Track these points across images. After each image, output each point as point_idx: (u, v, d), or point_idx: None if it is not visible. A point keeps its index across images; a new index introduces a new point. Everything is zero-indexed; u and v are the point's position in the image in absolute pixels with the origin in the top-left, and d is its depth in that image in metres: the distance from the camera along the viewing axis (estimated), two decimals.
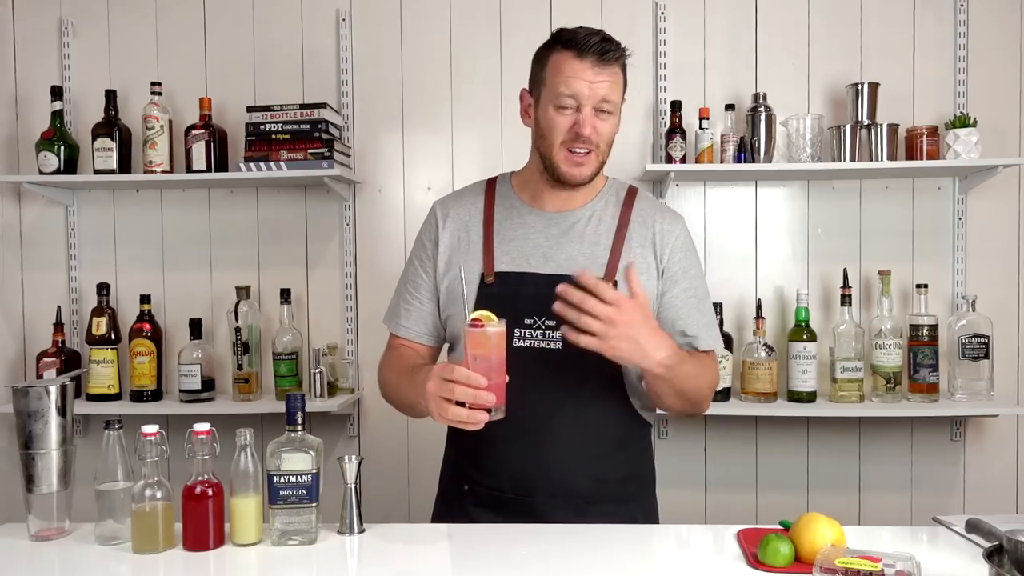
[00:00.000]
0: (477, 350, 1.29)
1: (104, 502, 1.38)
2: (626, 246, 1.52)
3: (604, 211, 1.56)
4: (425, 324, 1.61)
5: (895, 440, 2.55)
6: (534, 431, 1.46)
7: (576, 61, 1.44)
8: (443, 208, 1.62)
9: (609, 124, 1.49)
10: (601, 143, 1.49)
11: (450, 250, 1.57)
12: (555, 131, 1.47)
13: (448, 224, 1.59)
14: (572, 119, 1.46)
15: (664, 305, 1.53)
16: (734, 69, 2.57)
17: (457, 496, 1.57)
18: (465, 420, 1.29)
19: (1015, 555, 1.05)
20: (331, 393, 2.49)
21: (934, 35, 2.53)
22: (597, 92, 1.44)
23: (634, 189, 1.61)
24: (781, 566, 1.23)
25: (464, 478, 1.56)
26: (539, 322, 1.47)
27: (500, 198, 1.60)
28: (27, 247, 2.67)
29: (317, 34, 2.62)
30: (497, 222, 1.57)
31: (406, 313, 1.62)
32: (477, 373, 1.27)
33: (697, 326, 1.54)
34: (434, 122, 2.61)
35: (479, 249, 1.54)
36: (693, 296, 1.55)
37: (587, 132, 1.45)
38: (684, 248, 1.56)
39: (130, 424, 1.40)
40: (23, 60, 2.66)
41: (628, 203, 1.57)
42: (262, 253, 2.64)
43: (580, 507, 1.48)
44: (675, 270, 1.54)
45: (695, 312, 1.54)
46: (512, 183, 1.62)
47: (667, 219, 1.57)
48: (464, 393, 1.27)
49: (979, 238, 2.51)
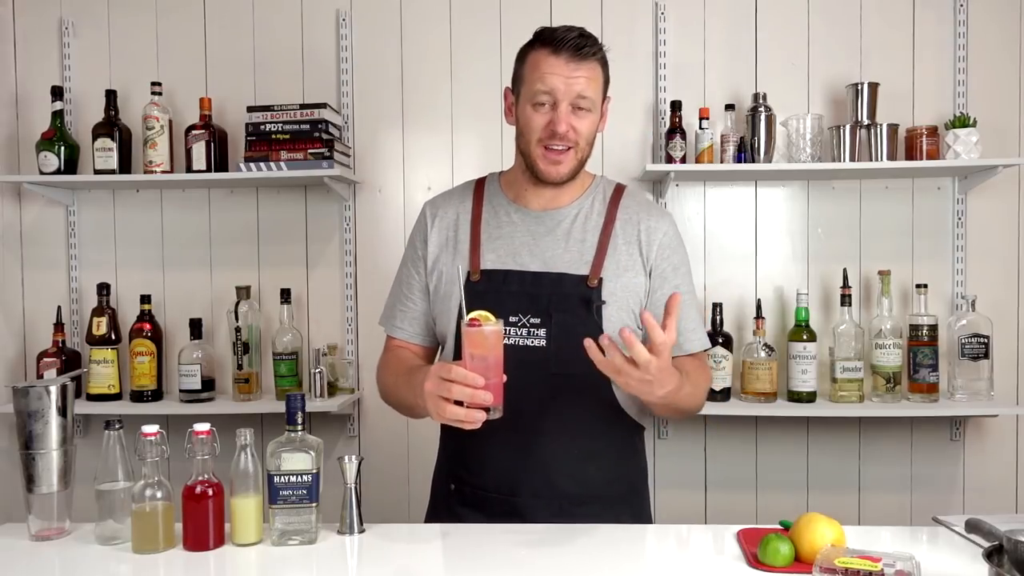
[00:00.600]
0: (475, 349, 1.30)
1: (104, 502, 1.38)
2: (612, 244, 1.51)
3: (591, 209, 1.56)
4: (419, 325, 1.62)
5: (895, 440, 2.55)
6: (518, 429, 1.45)
7: (552, 57, 1.45)
8: (432, 208, 1.63)
9: (587, 122, 1.48)
10: (580, 140, 1.48)
11: (439, 249, 1.58)
12: (532, 128, 1.48)
13: (437, 223, 1.60)
14: (548, 116, 1.46)
15: (654, 303, 1.52)
16: (734, 69, 2.57)
17: (445, 495, 1.58)
18: (463, 419, 1.28)
19: (1015, 555, 1.05)
20: (331, 393, 2.49)
21: (934, 35, 2.53)
22: (573, 88, 1.44)
23: (621, 187, 1.61)
24: (781, 566, 1.23)
25: (452, 477, 1.56)
26: (524, 319, 1.47)
27: (488, 197, 1.60)
28: (27, 247, 2.67)
29: (317, 34, 2.62)
30: (484, 220, 1.57)
31: (401, 315, 1.62)
32: (475, 372, 1.27)
33: (688, 325, 1.53)
34: (434, 122, 2.62)
35: (466, 248, 1.55)
36: (684, 294, 1.52)
37: (562, 129, 1.45)
38: (672, 246, 1.55)
39: (130, 424, 1.40)
40: (23, 60, 2.66)
41: (615, 201, 1.56)
42: (262, 253, 2.64)
43: (564, 507, 1.47)
44: (664, 267, 1.53)
45: (685, 309, 1.51)
46: (500, 182, 1.62)
47: (653, 216, 1.56)
48: (462, 392, 1.27)
49: (979, 238, 2.51)
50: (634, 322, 1.51)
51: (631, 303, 1.50)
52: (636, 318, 1.51)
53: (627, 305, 1.50)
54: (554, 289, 1.48)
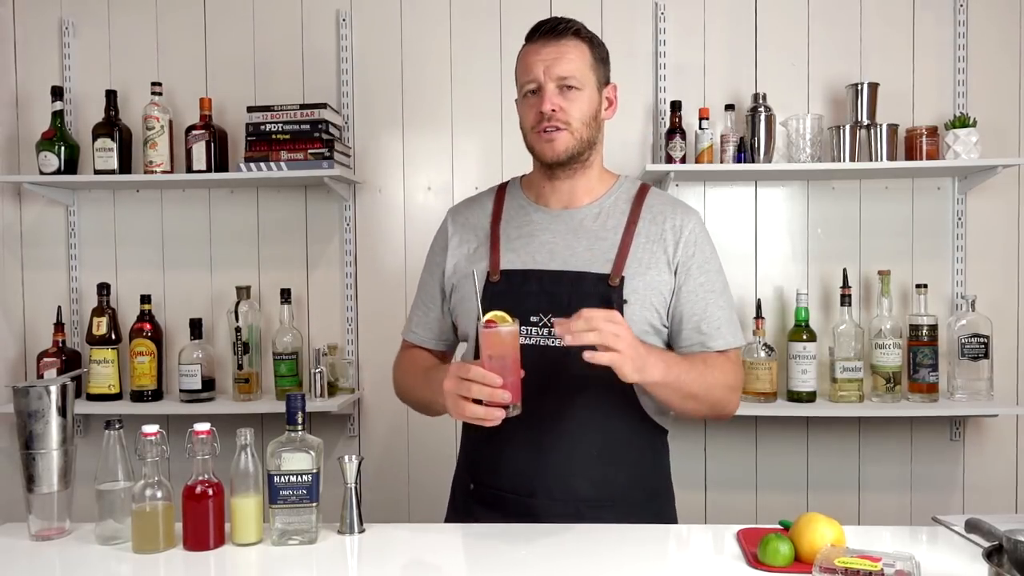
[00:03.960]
0: (492, 350, 1.30)
1: (104, 502, 1.38)
2: (635, 242, 1.50)
3: (613, 208, 1.55)
4: (433, 330, 1.64)
5: (895, 440, 2.55)
6: (536, 430, 1.45)
7: (531, 46, 1.49)
8: (454, 215, 1.65)
9: (578, 101, 1.47)
10: (572, 121, 1.47)
11: (459, 254, 1.58)
12: (526, 118, 1.50)
13: (458, 230, 1.61)
14: (537, 103, 1.47)
15: (680, 300, 1.50)
16: (734, 69, 2.57)
17: (464, 495, 1.58)
18: (483, 417, 1.29)
19: (1015, 555, 1.05)
20: (331, 393, 2.49)
21: (934, 35, 2.53)
22: (553, 68, 1.45)
23: (646, 186, 1.59)
24: (781, 566, 1.23)
25: (471, 477, 1.56)
26: (545, 319, 1.45)
27: (509, 199, 1.61)
28: (27, 247, 2.67)
29: (317, 34, 2.62)
30: (504, 222, 1.57)
31: (417, 319, 1.66)
32: (492, 372, 1.28)
33: (712, 323, 1.50)
34: (434, 122, 2.62)
35: (486, 249, 1.55)
36: (711, 291, 1.51)
37: (547, 108, 1.45)
38: (698, 242, 1.52)
39: (130, 424, 1.40)
40: (23, 60, 2.66)
41: (639, 200, 1.55)
42: (262, 253, 2.64)
43: (581, 510, 1.46)
44: (689, 264, 1.50)
45: (712, 307, 1.50)
46: (520, 184, 1.63)
47: (679, 214, 1.54)
48: (480, 391, 1.28)
49: (979, 238, 2.51)
50: (659, 320, 1.50)
51: (655, 301, 1.48)
52: (660, 316, 1.50)
53: (650, 303, 1.47)
54: (574, 288, 1.46)
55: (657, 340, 1.51)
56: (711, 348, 1.51)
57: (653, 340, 1.50)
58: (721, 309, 1.52)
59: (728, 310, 1.54)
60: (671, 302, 1.50)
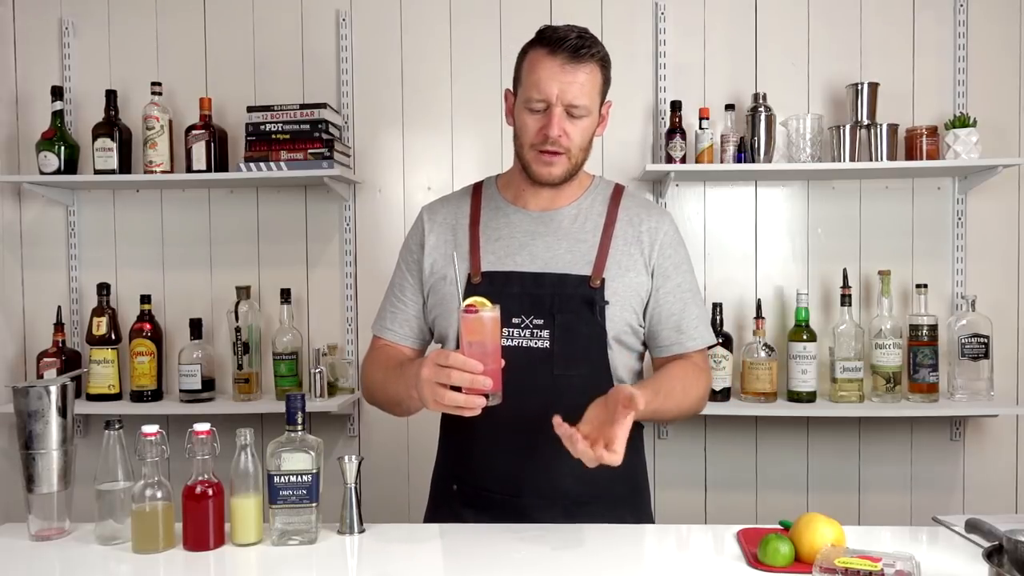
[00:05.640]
0: (472, 336, 1.29)
1: (104, 502, 1.38)
2: (613, 244, 1.52)
3: (591, 209, 1.56)
4: (409, 327, 1.61)
5: (895, 440, 2.55)
6: (521, 430, 1.45)
7: (548, 59, 1.44)
8: (430, 213, 1.63)
9: (581, 127, 1.47)
10: (572, 147, 1.47)
11: (436, 253, 1.57)
12: (526, 132, 1.48)
13: (435, 228, 1.60)
14: (542, 121, 1.45)
15: (659, 301, 1.53)
16: (734, 69, 2.57)
17: (446, 496, 1.57)
18: (462, 405, 1.27)
19: (1015, 555, 1.05)
20: (331, 393, 2.49)
21: (934, 35, 2.53)
22: (567, 93, 1.43)
23: (620, 187, 1.61)
24: (781, 566, 1.23)
25: (453, 478, 1.56)
26: (527, 320, 1.46)
27: (486, 199, 1.60)
28: (27, 247, 2.67)
29: (317, 34, 2.62)
30: (483, 223, 1.57)
31: (391, 316, 1.62)
32: (473, 359, 1.27)
33: (691, 322, 1.54)
34: (434, 122, 2.62)
35: (466, 251, 1.54)
36: (687, 291, 1.55)
37: (554, 133, 1.44)
38: (673, 244, 1.56)
39: (130, 424, 1.40)
40: (23, 60, 2.66)
41: (615, 201, 1.57)
42: (262, 253, 2.64)
43: (568, 508, 1.47)
44: (666, 266, 1.54)
45: (690, 306, 1.55)
46: (497, 184, 1.63)
47: (654, 216, 1.57)
48: (461, 378, 1.26)
49: (979, 238, 2.51)
50: (637, 321, 1.52)
51: (633, 303, 1.51)
52: (639, 317, 1.53)
53: (629, 305, 1.50)
54: (556, 290, 1.48)
55: (635, 340, 1.54)
56: (688, 348, 1.55)
57: (631, 340, 1.53)
58: (698, 308, 1.58)
59: (702, 309, 1.60)
60: (648, 303, 1.53)
